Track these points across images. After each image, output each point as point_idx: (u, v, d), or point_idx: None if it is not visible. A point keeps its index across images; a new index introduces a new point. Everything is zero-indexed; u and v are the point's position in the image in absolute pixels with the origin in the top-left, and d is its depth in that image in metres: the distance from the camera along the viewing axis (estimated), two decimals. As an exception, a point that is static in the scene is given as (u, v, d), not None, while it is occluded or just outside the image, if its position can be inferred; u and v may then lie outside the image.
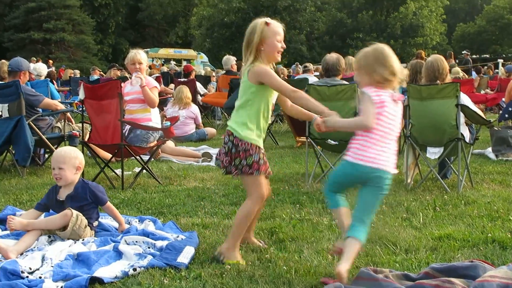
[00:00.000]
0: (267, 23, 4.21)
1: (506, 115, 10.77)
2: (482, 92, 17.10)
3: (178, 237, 4.69)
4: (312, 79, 12.07)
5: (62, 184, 4.78)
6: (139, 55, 7.85)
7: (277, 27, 4.25)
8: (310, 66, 16.12)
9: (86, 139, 7.79)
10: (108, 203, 4.89)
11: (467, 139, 7.00)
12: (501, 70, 26.12)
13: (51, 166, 4.85)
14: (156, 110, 8.02)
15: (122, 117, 7.09)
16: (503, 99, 12.45)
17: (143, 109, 7.81)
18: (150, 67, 29.29)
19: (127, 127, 7.70)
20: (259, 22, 4.23)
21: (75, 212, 4.58)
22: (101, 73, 23.59)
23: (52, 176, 4.87)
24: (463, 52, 28.21)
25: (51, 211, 4.87)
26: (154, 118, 7.85)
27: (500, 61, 34.35)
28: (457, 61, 28.02)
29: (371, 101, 3.75)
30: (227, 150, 4.25)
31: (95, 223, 4.86)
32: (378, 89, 3.81)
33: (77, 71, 26.68)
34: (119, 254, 4.26)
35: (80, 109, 8.90)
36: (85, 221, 4.64)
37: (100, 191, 4.84)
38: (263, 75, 4.14)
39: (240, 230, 4.26)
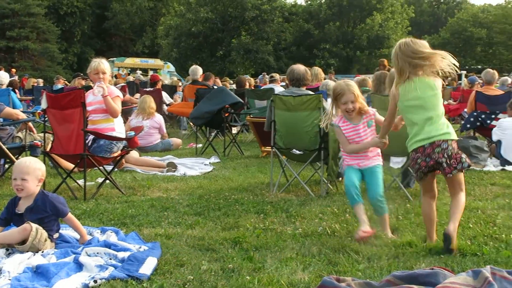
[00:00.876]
0: None
1: (468, 125, 10.91)
2: (445, 102, 17.30)
3: (140, 248, 4.64)
4: (278, 89, 12.10)
5: (23, 196, 4.69)
6: (103, 64, 7.74)
7: None
8: (277, 76, 16.19)
9: (48, 149, 7.66)
10: (69, 214, 4.80)
11: (429, 149, 7.05)
12: (464, 81, 26.50)
13: (13, 177, 4.74)
14: (120, 119, 7.92)
15: (85, 127, 7.01)
16: (465, 110, 12.62)
17: (106, 119, 7.69)
18: (116, 77, 29.20)
19: (91, 137, 7.60)
20: None
21: (34, 226, 4.49)
22: (65, 82, 23.31)
23: (13, 187, 4.76)
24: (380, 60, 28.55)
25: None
26: (117, 127, 7.75)
27: (463, 72, 34.87)
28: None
29: None
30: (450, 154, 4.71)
31: (56, 235, 4.76)
32: None
33: (40, 80, 26.33)
34: (79, 266, 4.19)
35: (43, 118, 8.77)
36: (45, 234, 4.55)
37: (60, 203, 4.75)
38: None
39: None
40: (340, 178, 7.80)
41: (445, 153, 4.68)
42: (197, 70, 14.65)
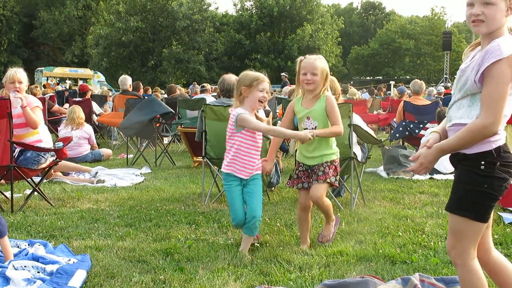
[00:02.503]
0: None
1: (397, 135, 11.18)
2: (375, 112, 17.66)
3: (69, 260, 4.55)
4: (210, 99, 12.10)
5: None
6: (19, 73, 7.46)
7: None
8: (208, 86, 16.20)
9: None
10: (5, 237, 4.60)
11: (359, 158, 7.20)
12: (393, 91, 27.09)
13: None
14: (45, 128, 7.72)
15: (12, 138, 6.84)
16: (394, 119, 12.92)
17: (31, 133, 7.46)
18: (44, 86, 28.62)
19: (18, 149, 7.41)
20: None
21: None
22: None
23: None
24: (281, 74, 29.30)
25: None
26: (44, 137, 7.56)
27: (392, 82, 35.69)
28: (351, 82, 28.93)
29: None
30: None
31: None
32: None
33: (-34, 90, 25.52)
34: (6, 280, 4.08)
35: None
36: None
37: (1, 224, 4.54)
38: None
39: None
40: (273, 188, 7.87)
41: None
42: (126, 80, 14.53)
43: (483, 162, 2.98)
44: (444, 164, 9.18)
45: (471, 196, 3.00)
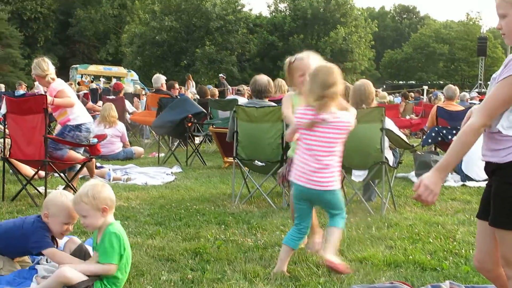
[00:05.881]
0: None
1: (429, 140, 11.06)
2: (407, 117, 17.51)
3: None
4: (242, 100, 12.11)
5: None
6: (35, 70, 7.57)
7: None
8: (244, 89, 16.10)
9: (7, 155, 7.56)
10: None
11: (391, 163, 7.13)
12: (425, 97, 26.88)
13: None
14: (77, 107, 7.77)
15: (47, 133, 6.93)
16: (427, 125, 12.78)
17: (62, 113, 7.64)
18: (79, 84, 28.93)
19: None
20: None
21: None
22: (27, 88, 23.02)
23: None
24: (219, 75, 29.01)
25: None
26: (72, 115, 7.65)
27: (425, 87, 35.42)
28: (384, 86, 28.78)
29: None
30: None
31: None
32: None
33: (2, 85, 25.93)
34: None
35: (3, 124, 8.64)
36: None
37: None
38: None
39: None
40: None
41: None
42: (159, 79, 14.61)
43: None
44: (477, 171, 9.08)
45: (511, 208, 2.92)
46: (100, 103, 16.52)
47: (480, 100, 20.22)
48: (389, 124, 6.96)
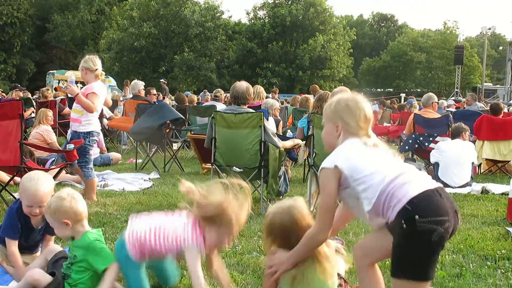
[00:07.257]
0: None
1: (407, 147, 11.13)
2: (385, 124, 17.64)
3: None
4: (220, 106, 12.11)
5: None
6: (85, 62, 7.73)
7: None
8: (221, 94, 16.09)
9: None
10: None
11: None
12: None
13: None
14: (94, 115, 7.74)
15: (22, 139, 6.88)
16: (404, 132, 12.88)
17: (78, 110, 7.63)
18: (56, 89, 28.72)
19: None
20: None
21: None
22: (2, 93, 22.80)
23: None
24: (160, 80, 29.35)
25: None
26: (84, 118, 7.62)
27: (403, 95, 35.69)
28: (362, 93, 28.95)
29: None
30: None
31: None
32: None
33: (-23, 91, 25.74)
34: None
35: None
36: None
37: None
38: None
39: None
40: (281, 196, 7.86)
41: None
42: (137, 85, 14.54)
43: (403, 221, 3.05)
44: (453, 178, 9.15)
45: (407, 258, 3.08)
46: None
47: (457, 108, 20.44)
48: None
